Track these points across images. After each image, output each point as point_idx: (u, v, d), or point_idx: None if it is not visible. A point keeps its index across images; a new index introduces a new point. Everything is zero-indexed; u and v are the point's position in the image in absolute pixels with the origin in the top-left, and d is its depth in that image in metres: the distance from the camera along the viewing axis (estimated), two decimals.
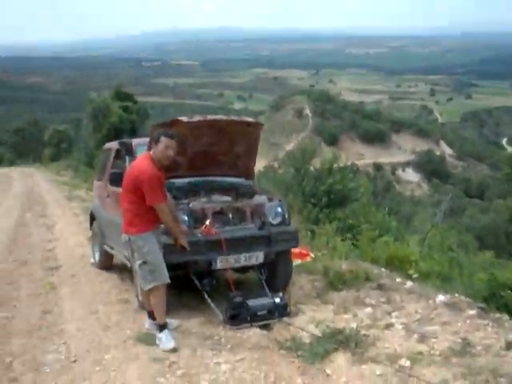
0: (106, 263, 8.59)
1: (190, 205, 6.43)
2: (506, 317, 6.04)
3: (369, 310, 6.39)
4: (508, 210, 26.29)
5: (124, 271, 7.94)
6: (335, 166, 17.27)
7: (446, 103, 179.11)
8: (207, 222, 6.22)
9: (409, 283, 7.42)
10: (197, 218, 6.33)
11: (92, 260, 9.06)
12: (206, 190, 7.03)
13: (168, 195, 5.77)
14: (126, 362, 5.02)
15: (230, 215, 6.58)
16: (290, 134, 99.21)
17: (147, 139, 6.96)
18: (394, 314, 6.23)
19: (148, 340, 5.49)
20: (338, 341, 5.26)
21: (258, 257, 6.46)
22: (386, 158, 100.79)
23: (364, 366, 4.79)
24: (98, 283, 7.89)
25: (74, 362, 5.13)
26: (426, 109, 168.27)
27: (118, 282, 7.90)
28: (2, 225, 13.54)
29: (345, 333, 5.39)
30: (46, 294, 7.46)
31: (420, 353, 5.03)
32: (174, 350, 5.20)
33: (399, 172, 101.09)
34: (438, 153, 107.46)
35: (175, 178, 6.81)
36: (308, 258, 8.64)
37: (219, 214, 6.53)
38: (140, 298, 6.34)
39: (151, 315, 5.72)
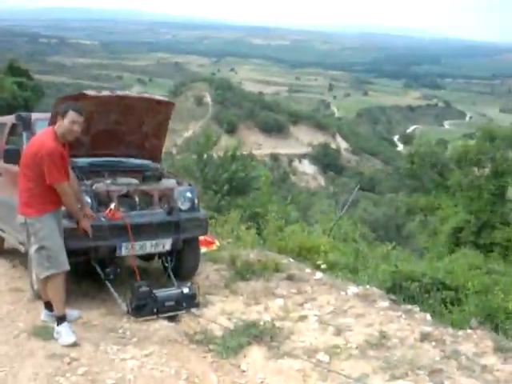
0: None
1: (94, 186, 5.94)
2: (416, 308, 6.02)
3: (280, 301, 6.18)
4: (405, 204, 27.14)
5: (16, 256, 7.28)
6: (238, 153, 17.05)
7: (343, 98, 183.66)
8: (112, 206, 5.76)
9: (318, 274, 7.29)
10: (101, 201, 5.86)
11: None
12: (111, 171, 6.55)
13: (72, 174, 5.26)
14: (19, 359, 4.50)
15: (137, 199, 6.14)
16: (189, 121, 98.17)
17: (47, 114, 6.41)
18: (306, 306, 6.07)
19: (44, 334, 4.97)
20: (252, 334, 4.99)
21: (165, 244, 6.08)
22: (283, 149, 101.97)
23: (281, 361, 4.56)
24: None
25: None
26: (324, 103, 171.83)
27: (9, 268, 7.24)
28: None
29: (258, 326, 5.14)
30: None
31: (337, 346, 4.87)
32: (75, 345, 4.73)
33: (296, 163, 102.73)
34: (333, 146, 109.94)
35: (76, 157, 6.30)
36: (213, 247, 8.33)
37: (125, 198, 6.08)
38: (35, 286, 5.80)
39: (48, 306, 5.20)
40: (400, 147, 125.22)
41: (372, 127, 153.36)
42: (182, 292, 5.72)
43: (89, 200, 5.67)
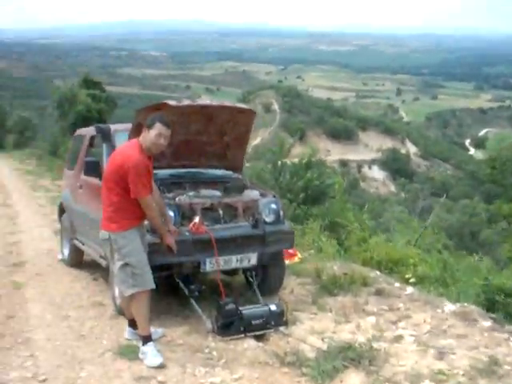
0: (76, 260, 7.83)
1: (177, 199, 5.74)
2: None
3: (372, 319, 5.81)
4: (485, 211, 26.04)
5: (96, 269, 7.20)
6: (313, 160, 16.68)
7: (411, 103, 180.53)
8: (196, 219, 5.54)
9: (409, 289, 6.86)
10: (184, 215, 5.65)
11: (60, 256, 8.28)
12: (192, 183, 6.36)
13: (155, 187, 5.06)
14: (106, 381, 4.31)
15: (221, 212, 5.91)
16: (258, 129, 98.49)
17: (126, 125, 6.29)
18: (400, 325, 5.66)
19: (129, 353, 4.77)
20: (348, 357, 4.63)
21: (250, 258, 5.81)
22: (352, 155, 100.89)
23: None
24: (68, 283, 7.12)
25: (43, 381, 4.36)
26: (392, 108, 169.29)
27: (90, 281, 7.15)
28: None
29: (354, 348, 4.76)
30: (9, 296, 6.65)
31: (441, 372, 4.45)
32: (161, 367, 4.51)
33: (365, 169, 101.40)
34: (403, 151, 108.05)
35: (157, 169, 6.14)
36: (295, 259, 8.02)
37: (209, 211, 5.86)
38: (117, 301, 5.64)
39: (132, 324, 5.01)
40: (472, 151, 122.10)
41: (442, 131, 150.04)
42: (270, 309, 5.43)
43: (172, 214, 5.46)
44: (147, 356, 4.59)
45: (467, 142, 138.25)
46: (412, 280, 7.51)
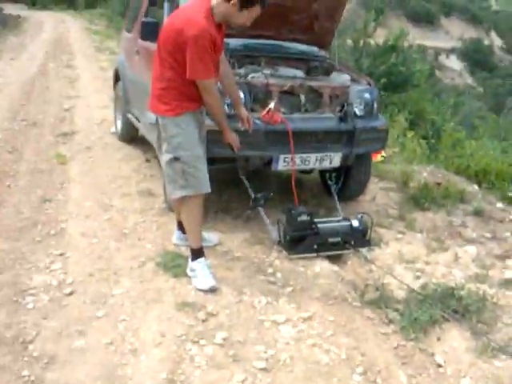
0: (129, 135, 6.87)
1: (249, 77, 4.59)
2: None
3: (472, 249, 4.73)
4: None
5: (151, 149, 6.22)
6: (400, 44, 14.93)
7: None
8: (271, 105, 4.40)
9: None
10: (257, 98, 4.51)
11: (113, 129, 7.36)
12: (269, 58, 5.17)
13: (225, 61, 3.90)
14: (143, 305, 3.41)
15: (303, 98, 4.72)
16: None
17: None
18: (509, 263, 4.55)
19: (175, 267, 3.84)
20: (449, 306, 3.59)
21: (333, 159, 4.70)
22: (431, 41, 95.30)
23: (498, 364, 3.14)
24: (117, 162, 6.22)
25: (70, 295, 3.51)
26: None
27: (142, 163, 6.22)
28: (19, 74, 11.69)
29: (459, 295, 3.69)
30: (51, 172, 5.82)
31: None
32: (213, 290, 3.58)
33: (442, 57, 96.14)
34: (486, 42, 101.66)
35: (228, 37, 4.96)
36: (378, 157, 6.81)
37: (287, 95, 4.69)
38: (169, 196, 4.69)
39: (181, 227, 4.06)
40: None
41: None
42: (352, 226, 4.40)
43: (242, 95, 4.33)
44: (196, 275, 3.65)
45: None
46: None
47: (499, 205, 5.85)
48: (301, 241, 4.22)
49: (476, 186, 6.35)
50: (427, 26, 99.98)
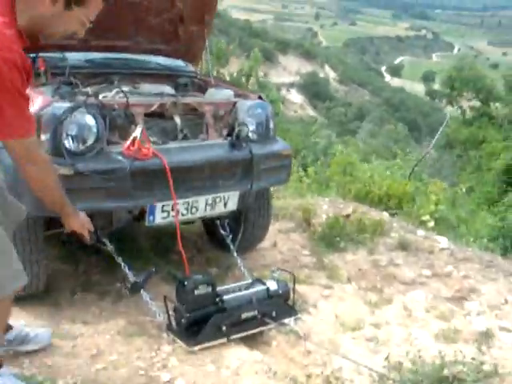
0: None
1: (101, 96, 3.23)
2: None
3: (418, 294, 3.69)
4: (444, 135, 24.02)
5: None
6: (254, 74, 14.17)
7: (330, 28, 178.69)
8: (137, 133, 3.06)
9: (442, 239, 4.72)
10: (115, 124, 3.12)
11: None
12: (123, 75, 3.84)
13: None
14: None
15: (178, 121, 3.41)
16: None
17: None
18: (472, 307, 3.52)
19: None
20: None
21: (228, 200, 3.42)
22: (271, 76, 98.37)
23: None
24: None
25: None
26: (311, 32, 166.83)
27: None
28: None
29: (454, 376, 2.53)
30: None
31: None
32: None
33: (283, 92, 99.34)
34: (321, 75, 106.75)
35: (64, 51, 3.60)
36: None
37: (157, 119, 3.36)
38: None
39: None
40: (388, 78, 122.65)
41: (359, 57, 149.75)
42: (268, 290, 3.14)
43: (92, 121, 2.95)
44: None
45: (383, 68, 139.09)
46: (431, 224, 5.38)
47: (420, 232, 4.88)
48: (202, 323, 2.90)
49: (386, 213, 5.35)
50: (266, 64, 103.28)
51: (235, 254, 3.64)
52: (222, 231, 3.75)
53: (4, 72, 1.77)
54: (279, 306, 3.12)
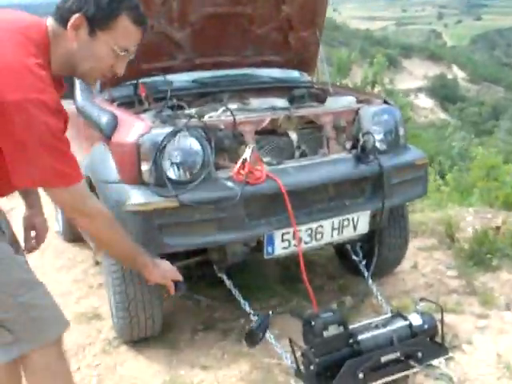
0: (74, 233, 5.13)
1: (206, 117, 2.92)
2: None
3: None
4: None
5: None
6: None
7: (454, 26, 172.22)
8: (247, 154, 2.72)
9: None
10: (222, 147, 2.80)
11: (56, 227, 5.59)
12: (232, 92, 3.53)
13: None
14: None
15: (294, 137, 3.03)
16: None
17: None
18: None
19: None
20: None
21: (358, 223, 2.98)
22: (397, 83, 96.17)
23: None
24: (55, 272, 4.47)
25: None
26: (435, 33, 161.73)
27: (89, 268, 4.46)
28: None
29: None
30: None
31: None
32: None
33: (411, 98, 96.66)
34: (450, 77, 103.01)
35: (167, 72, 3.35)
36: None
37: (270, 136, 3.00)
38: None
39: None
40: None
41: (489, 53, 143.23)
42: (411, 325, 2.66)
43: (197, 145, 2.64)
44: None
45: None
46: None
47: None
48: (335, 368, 2.47)
49: None
50: (390, 70, 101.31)
51: (370, 282, 3.18)
52: (354, 257, 3.31)
53: (35, 114, 1.54)
54: (425, 344, 2.63)
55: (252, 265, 4.00)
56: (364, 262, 3.28)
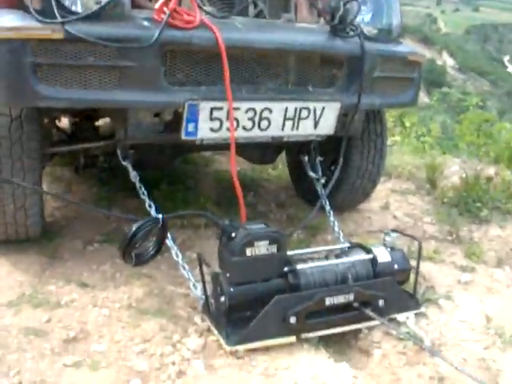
0: None
1: None
2: None
3: None
4: None
5: None
6: None
7: (451, 13, 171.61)
8: None
9: None
10: None
11: None
12: None
13: None
14: None
15: None
16: None
17: None
18: None
19: None
20: None
21: (321, 118, 2.15)
22: None
23: None
24: None
25: None
26: (431, 17, 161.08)
27: None
28: None
29: None
30: None
31: None
32: None
33: None
34: (439, 63, 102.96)
35: None
36: None
37: None
38: None
39: None
40: (510, 69, 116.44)
41: (481, 45, 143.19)
42: (375, 262, 1.88)
43: None
44: None
45: (506, 58, 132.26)
46: None
47: None
48: (258, 304, 1.69)
49: None
50: None
51: (328, 208, 2.39)
52: (311, 173, 2.50)
53: None
54: (391, 290, 1.85)
55: (186, 179, 3.22)
56: (323, 181, 2.46)
